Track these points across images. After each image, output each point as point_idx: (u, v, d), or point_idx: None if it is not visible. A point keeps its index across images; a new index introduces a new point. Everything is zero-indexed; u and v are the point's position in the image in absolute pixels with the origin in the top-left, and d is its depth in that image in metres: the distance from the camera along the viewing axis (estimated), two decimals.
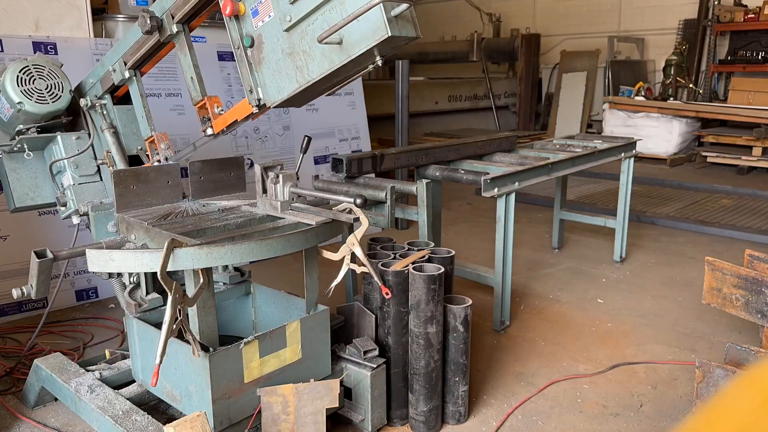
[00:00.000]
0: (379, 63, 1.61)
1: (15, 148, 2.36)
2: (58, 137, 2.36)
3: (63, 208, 2.38)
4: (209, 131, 1.98)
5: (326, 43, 1.57)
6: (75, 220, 2.36)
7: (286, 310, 2.24)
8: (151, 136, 2.22)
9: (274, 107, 1.82)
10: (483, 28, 10.98)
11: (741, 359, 2.12)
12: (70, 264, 3.32)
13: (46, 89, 2.28)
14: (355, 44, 1.57)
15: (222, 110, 1.98)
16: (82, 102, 2.36)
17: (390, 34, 1.50)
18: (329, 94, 1.85)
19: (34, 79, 2.26)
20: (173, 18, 1.94)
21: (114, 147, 2.34)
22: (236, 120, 1.93)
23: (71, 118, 2.45)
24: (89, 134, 2.38)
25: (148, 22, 1.92)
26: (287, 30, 1.67)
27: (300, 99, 1.80)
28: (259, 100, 1.82)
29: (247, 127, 4.15)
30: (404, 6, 1.51)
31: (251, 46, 1.77)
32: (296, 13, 1.63)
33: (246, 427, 1.91)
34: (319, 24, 1.61)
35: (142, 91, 2.24)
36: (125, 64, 2.19)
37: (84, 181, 2.36)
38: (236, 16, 1.76)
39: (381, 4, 1.46)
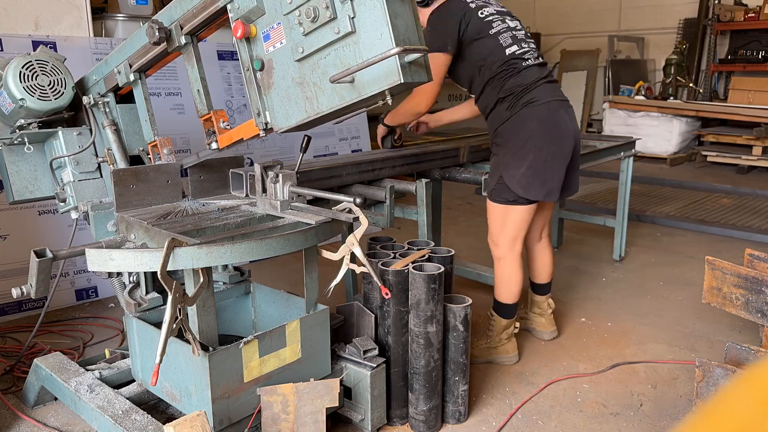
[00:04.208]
0: (389, 102, 1.60)
1: (15, 142, 2.35)
2: (60, 132, 2.35)
3: (62, 204, 2.37)
4: (214, 145, 1.98)
5: (338, 83, 1.58)
6: (74, 214, 2.35)
7: (286, 310, 2.24)
8: (154, 141, 2.22)
9: (281, 133, 1.83)
10: None
11: (741, 359, 2.11)
12: (70, 263, 3.33)
13: (48, 86, 2.27)
14: (366, 85, 1.57)
15: (228, 125, 1.97)
16: (85, 100, 2.35)
17: (402, 81, 1.51)
18: (337, 123, 1.85)
19: (37, 75, 2.25)
20: (182, 29, 1.93)
21: (115, 145, 2.33)
22: (242, 138, 1.92)
23: (73, 113, 2.44)
24: (91, 131, 2.37)
25: (157, 33, 1.91)
26: (299, 60, 1.67)
27: (308, 126, 1.80)
28: (266, 124, 1.81)
29: None
30: (417, 54, 1.52)
31: (261, 69, 1.76)
32: (309, 45, 1.63)
33: (246, 427, 1.91)
34: (331, 59, 1.60)
35: (146, 94, 2.23)
36: (130, 67, 2.18)
37: (84, 178, 2.35)
38: (247, 39, 1.75)
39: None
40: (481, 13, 2.48)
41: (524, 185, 2.45)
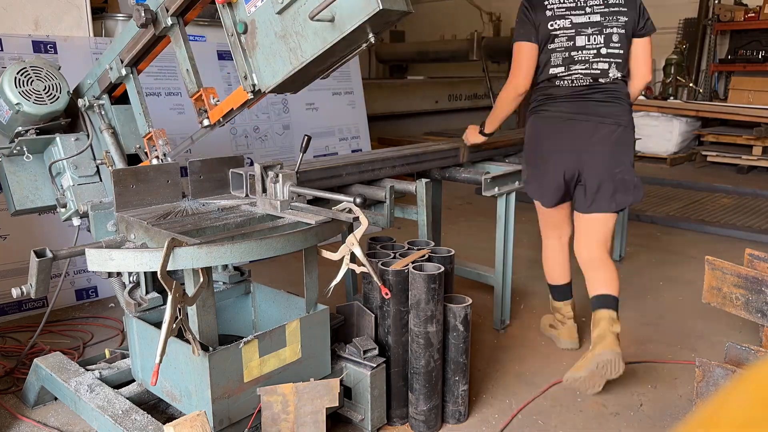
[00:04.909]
0: (372, 41, 1.63)
1: (14, 151, 2.36)
2: (57, 139, 2.36)
3: (63, 210, 2.38)
4: (205, 122, 1.99)
5: (318, 21, 1.58)
6: (75, 222, 2.36)
7: (286, 310, 2.24)
8: (149, 133, 2.22)
9: (269, 92, 1.83)
10: (483, 27, 10.96)
11: (741, 358, 2.11)
12: (69, 263, 3.32)
13: (44, 90, 2.29)
14: (347, 20, 1.58)
15: (218, 101, 1.98)
16: (80, 103, 2.36)
17: (381, 8, 1.52)
18: (324, 77, 1.85)
19: (32, 81, 2.27)
20: (168, 11, 1.95)
21: (113, 147, 2.34)
22: (232, 109, 1.93)
23: (70, 120, 2.45)
24: (88, 135, 2.38)
25: (143, 15, 1.94)
26: (279, 12, 1.68)
27: (295, 84, 1.81)
28: (253, 85, 1.82)
29: (246, 126, 4.15)
30: None
31: (244, 32, 1.78)
32: None
33: (246, 427, 1.91)
34: (311, 3, 1.62)
35: (139, 88, 2.25)
36: (122, 62, 2.19)
37: (83, 182, 2.36)
38: (229, 4, 1.78)
39: None
40: (551, 25, 2.51)
41: (526, 185, 2.79)
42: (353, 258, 1.92)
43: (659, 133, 8.00)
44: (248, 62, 1.81)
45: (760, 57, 8.46)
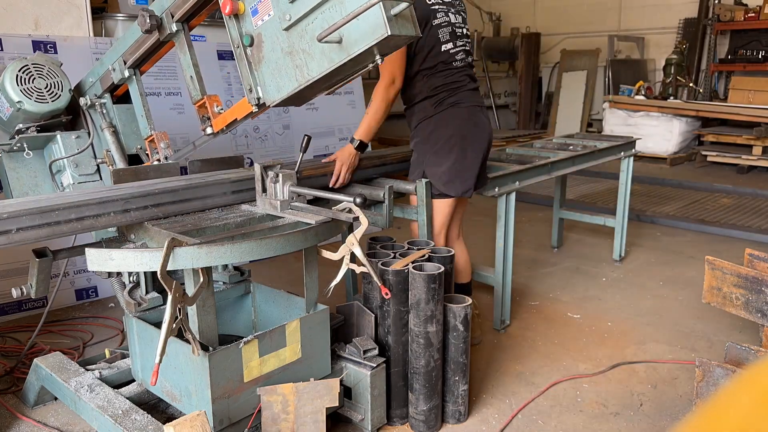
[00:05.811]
0: (379, 61, 1.61)
1: (15, 147, 2.35)
2: (58, 136, 2.35)
3: None
4: (209, 130, 1.98)
5: (326, 42, 1.57)
6: None
7: (286, 310, 2.24)
8: (151, 135, 2.22)
9: (274, 106, 1.82)
10: (483, 27, 10.97)
11: (741, 358, 2.11)
12: (69, 263, 3.32)
13: (45, 88, 2.28)
14: (354, 43, 1.56)
15: (222, 109, 1.98)
16: (82, 101, 2.35)
17: (389, 33, 1.50)
18: (329, 93, 1.84)
19: (34, 78, 2.26)
20: (173, 17, 1.94)
21: (113, 146, 2.34)
22: (236, 119, 1.92)
23: (71, 117, 2.45)
24: (89, 133, 2.38)
25: (148, 21, 1.93)
26: (287, 29, 1.66)
27: (300, 98, 1.80)
28: (258, 99, 1.81)
29: (246, 126, 4.15)
30: (404, 5, 1.51)
31: (251, 45, 1.76)
32: (295, 12, 1.63)
33: (246, 427, 1.91)
34: (318, 23, 1.61)
35: (141, 90, 2.24)
36: (125, 63, 2.18)
37: (84, 180, 2.36)
38: (236, 15, 1.76)
39: (380, 4, 1.46)
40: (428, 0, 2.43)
41: (445, 182, 2.54)
42: (353, 258, 1.92)
43: (659, 133, 8.00)
44: (253, 75, 1.79)
45: (760, 57, 8.46)
